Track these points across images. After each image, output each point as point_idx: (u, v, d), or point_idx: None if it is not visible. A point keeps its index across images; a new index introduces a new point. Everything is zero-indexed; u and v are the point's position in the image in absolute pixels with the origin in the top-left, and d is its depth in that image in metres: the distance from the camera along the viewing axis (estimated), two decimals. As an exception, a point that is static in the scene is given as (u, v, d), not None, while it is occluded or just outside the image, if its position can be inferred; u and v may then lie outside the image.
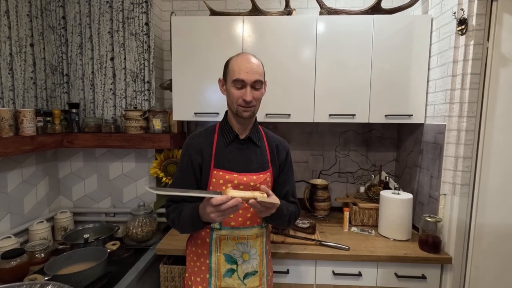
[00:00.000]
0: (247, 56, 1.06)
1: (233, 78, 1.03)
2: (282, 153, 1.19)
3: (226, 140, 1.11)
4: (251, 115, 1.08)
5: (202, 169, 1.09)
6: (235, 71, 1.03)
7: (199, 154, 1.09)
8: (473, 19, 1.33)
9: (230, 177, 1.07)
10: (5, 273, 1.25)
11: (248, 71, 1.02)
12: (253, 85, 1.03)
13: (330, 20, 1.61)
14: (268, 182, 1.13)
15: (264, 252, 1.16)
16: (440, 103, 1.51)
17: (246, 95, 1.02)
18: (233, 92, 1.05)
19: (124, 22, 1.83)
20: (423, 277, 1.44)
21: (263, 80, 1.06)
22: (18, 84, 1.57)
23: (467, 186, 1.40)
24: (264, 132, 1.21)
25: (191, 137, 1.15)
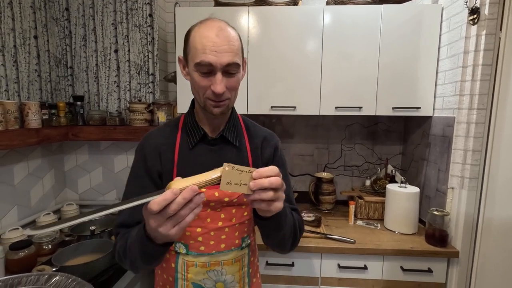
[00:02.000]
0: (214, 25, 0.74)
1: (196, 61, 0.72)
2: (267, 150, 0.90)
3: (192, 141, 0.84)
4: (225, 110, 0.79)
5: (163, 179, 0.82)
6: (198, 49, 0.72)
7: (157, 158, 0.82)
8: (485, 8, 1.29)
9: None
10: (13, 264, 1.27)
11: (217, 50, 0.71)
12: (225, 70, 0.73)
13: (337, 11, 1.58)
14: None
15: (246, 276, 0.90)
16: (450, 95, 1.48)
17: (216, 85, 0.72)
18: (197, 79, 0.75)
19: (127, 14, 1.81)
20: (429, 271, 1.43)
21: (239, 62, 0.75)
22: (23, 76, 1.57)
23: (476, 180, 1.38)
24: (245, 125, 0.93)
25: (147, 136, 0.87)
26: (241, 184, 0.57)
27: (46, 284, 1.02)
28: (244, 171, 0.56)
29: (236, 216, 0.85)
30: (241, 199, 0.84)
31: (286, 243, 0.81)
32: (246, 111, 1.67)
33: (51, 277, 1.03)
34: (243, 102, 1.66)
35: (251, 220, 0.90)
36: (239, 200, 0.83)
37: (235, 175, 0.56)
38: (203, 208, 0.73)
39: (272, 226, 0.72)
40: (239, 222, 0.86)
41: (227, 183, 0.56)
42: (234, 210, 0.84)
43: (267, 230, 0.75)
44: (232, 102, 0.81)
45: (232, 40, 0.74)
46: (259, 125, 0.97)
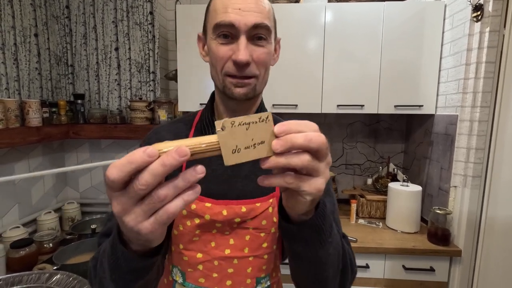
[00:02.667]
0: None
1: (215, 22, 0.57)
2: None
3: None
4: (251, 93, 0.60)
5: None
6: (219, 9, 0.57)
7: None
8: (489, 4, 1.27)
9: (198, 208, 0.61)
10: (14, 262, 1.27)
11: (242, 8, 0.55)
12: (252, 35, 0.56)
13: (339, 8, 1.56)
14: (272, 217, 0.62)
15: None
16: (453, 93, 1.46)
17: (239, 52, 0.55)
18: (215, 49, 0.58)
19: (128, 11, 1.80)
20: (432, 270, 1.42)
21: (270, 27, 0.58)
22: (23, 74, 1.56)
23: (479, 178, 1.37)
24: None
25: (155, 131, 0.71)
26: (256, 145, 0.34)
27: (47, 282, 1.02)
28: (253, 122, 0.34)
29: (250, 246, 0.62)
30: (258, 222, 0.61)
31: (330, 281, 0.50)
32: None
33: (52, 276, 1.03)
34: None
35: (274, 255, 0.66)
36: (256, 223, 0.61)
37: (240, 135, 0.34)
38: (205, 228, 0.60)
39: (305, 238, 0.44)
40: (255, 255, 0.62)
41: (233, 152, 0.34)
42: (248, 236, 0.62)
43: (296, 245, 0.46)
44: (261, 84, 0.62)
45: (261, 2, 0.58)
46: None
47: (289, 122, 0.35)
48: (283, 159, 0.33)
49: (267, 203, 0.63)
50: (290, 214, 0.43)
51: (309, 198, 0.36)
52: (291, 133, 0.34)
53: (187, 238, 0.61)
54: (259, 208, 0.62)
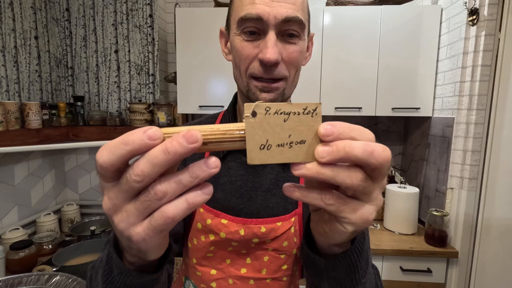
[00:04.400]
0: None
1: (240, 15, 0.48)
2: None
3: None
4: (277, 98, 0.52)
5: None
6: (245, 1, 0.48)
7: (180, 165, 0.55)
8: (484, 9, 1.29)
9: (214, 223, 0.55)
10: (14, 264, 1.27)
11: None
12: (282, 30, 0.48)
13: (337, 11, 1.58)
14: (293, 236, 0.56)
15: None
16: (449, 95, 1.48)
17: (266, 49, 0.47)
18: (239, 47, 0.50)
19: (128, 14, 1.82)
20: (429, 271, 1.43)
21: (304, 21, 0.49)
22: (23, 77, 1.57)
23: (475, 180, 1.38)
24: None
25: None
26: (293, 144, 0.26)
27: (46, 284, 1.02)
28: (294, 112, 0.26)
29: (269, 268, 0.56)
30: (279, 242, 0.55)
31: None
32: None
33: (52, 277, 1.04)
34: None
35: (295, 278, 0.60)
36: (276, 245, 0.55)
37: (275, 127, 0.26)
38: (221, 245, 0.54)
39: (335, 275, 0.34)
40: (273, 277, 0.56)
41: (261, 147, 0.26)
42: (267, 258, 0.56)
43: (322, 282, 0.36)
44: (290, 88, 0.53)
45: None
46: None
47: (340, 124, 0.27)
48: (328, 171, 0.25)
49: (289, 222, 0.55)
50: (318, 241, 0.34)
51: (350, 229, 0.27)
52: (342, 138, 0.26)
53: (201, 253, 0.56)
54: (280, 228, 0.55)
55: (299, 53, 0.50)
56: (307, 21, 0.52)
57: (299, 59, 0.51)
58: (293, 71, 0.52)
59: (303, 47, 0.52)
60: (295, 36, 0.49)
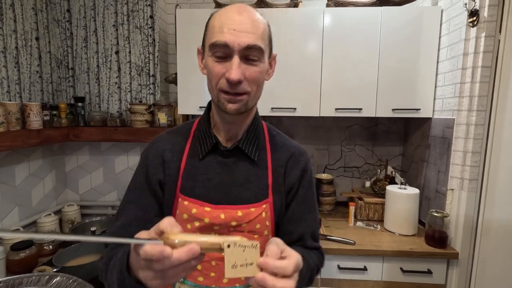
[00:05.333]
0: (238, 5, 0.63)
1: (211, 41, 0.61)
2: (293, 172, 0.73)
3: (202, 150, 0.71)
4: (241, 108, 0.64)
5: (165, 190, 0.70)
6: (215, 28, 0.61)
7: (160, 166, 0.70)
8: (485, 10, 1.29)
9: (198, 212, 0.66)
10: (14, 265, 1.27)
11: (237, 28, 0.59)
12: (245, 55, 0.61)
13: (337, 12, 1.58)
14: (264, 221, 0.69)
15: None
16: (449, 96, 1.48)
17: (231, 71, 0.59)
18: (211, 66, 0.62)
19: (128, 15, 1.82)
20: (429, 272, 1.43)
21: (263, 46, 0.62)
22: (24, 77, 1.57)
23: (476, 181, 1.38)
24: (270, 136, 0.77)
25: (154, 140, 0.76)
26: (247, 265, 0.45)
27: (47, 284, 1.02)
28: (247, 246, 0.44)
29: None
30: (252, 225, 0.68)
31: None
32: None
33: (52, 278, 1.04)
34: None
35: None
36: (250, 227, 0.68)
37: (239, 254, 0.44)
38: (205, 230, 0.66)
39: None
40: None
41: (232, 267, 0.44)
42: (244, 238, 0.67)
43: None
44: (252, 100, 0.66)
45: (257, 22, 0.61)
46: (288, 138, 0.79)
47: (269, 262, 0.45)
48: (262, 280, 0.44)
49: (261, 208, 0.69)
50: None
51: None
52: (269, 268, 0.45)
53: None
54: (253, 213, 0.68)
55: (259, 73, 0.63)
56: (267, 46, 0.65)
57: (259, 77, 0.64)
58: (254, 87, 0.64)
59: (263, 68, 0.65)
60: (256, 59, 0.62)
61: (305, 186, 0.74)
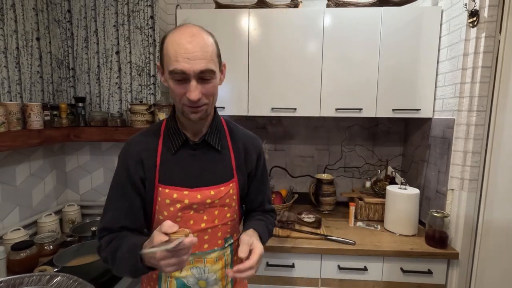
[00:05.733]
0: (187, 31, 0.73)
1: (170, 68, 0.73)
2: (252, 154, 0.93)
3: (174, 146, 0.85)
4: (203, 116, 0.80)
5: (146, 185, 0.84)
6: (171, 57, 0.73)
7: (139, 165, 0.83)
8: (485, 10, 1.29)
9: (178, 196, 0.82)
10: (15, 264, 1.27)
11: (190, 57, 0.71)
12: (200, 77, 0.74)
13: (337, 13, 1.58)
14: (232, 196, 0.88)
15: (229, 278, 0.93)
16: (449, 97, 1.48)
17: (191, 93, 0.73)
18: (173, 87, 0.76)
19: (129, 16, 1.82)
20: (429, 272, 1.43)
21: (214, 68, 0.76)
22: (25, 78, 1.58)
23: (476, 181, 1.38)
24: (228, 128, 0.94)
25: (129, 142, 0.87)
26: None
27: (47, 284, 1.02)
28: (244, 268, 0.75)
29: (218, 218, 0.87)
30: (223, 200, 0.86)
31: None
32: (247, 113, 1.68)
33: (53, 278, 1.04)
34: (243, 104, 1.67)
35: (235, 221, 0.94)
36: (221, 202, 0.86)
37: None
38: (185, 210, 0.83)
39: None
40: (222, 223, 0.88)
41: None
42: (216, 211, 0.86)
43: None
44: (211, 107, 0.82)
45: (206, 46, 0.74)
46: (243, 128, 0.98)
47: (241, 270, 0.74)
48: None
49: (229, 186, 0.88)
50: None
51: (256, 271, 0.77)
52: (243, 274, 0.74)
53: (172, 220, 0.74)
54: (223, 191, 0.86)
55: (213, 88, 0.78)
56: (217, 64, 0.78)
57: (214, 91, 0.79)
58: (211, 98, 0.80)
59: (216, 82, 0.79)
60: (209, 78, 0.76)
61: (260, 167, 0.97)
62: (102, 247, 0.80)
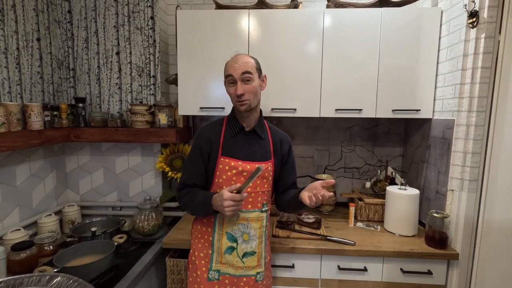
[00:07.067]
0: (238, 55, 1.15)
1: (226, 74, 1.15)
2: (285, 146, 1.28)
3: (233, 132, 1.20)
4: (247, 108, 1.15)
5: (210, 157, 1.19)
6: (226, 69, 1.15)
7: (208, 143, 1.19)
8: (484, 11, 1.29)
9: (235, 164, 1.16)
10: (15, 265, 1.28)
11: (236, 67, 1.11)
12: (242, 79, 1.11)
13: (337, 13, 1.59)
14: (270, 171, 1.21)
15: (263, 235, 1.22)
16: (449, 97, 1.48)
17: (237, 89, 1.11)
18: (228, 89, 1.16)
19: (129, 16, 1.83)
20: (429, 273, 1.43)
21: (252, 71, 1.12)
22: (25, 78, 1.58)
23: (475, 182, 1.38)
24: (268, 126, 1.29)
25: (201, 128, 1.25)
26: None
27: (47, 284, 1.02)
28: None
29: (260, 186, 1.19)
30: (263, 173, 1.17)
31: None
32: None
33: (53, 278, 1.04)
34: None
35: (270, 192, 1.26)
36: (262, 174, 1.17)
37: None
38: (238, 176, 1.16)
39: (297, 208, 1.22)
40: (262, 191, 1.20)
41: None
42: (258, 181, 1.18)
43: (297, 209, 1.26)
44: (253, 103, 1.15)
45: (246, 62, 1.13)
46: (277, 128, 1.33)
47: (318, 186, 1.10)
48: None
49: (267, 164, 1.20)
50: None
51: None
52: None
53: (228, 182, 1.16)
54: (265, 166, 1.17)
55: (252, 87, 1.13)
56: (256, 71, 1.15)
57: (254, 90, 1.14)
58: (252, 96, 1.14)
59: (256, 84, 1.14)
60: (250, 80, 1.13)
61: (291, 155, 1.31)
62: (182, 196, 1.20)
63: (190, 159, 1.22)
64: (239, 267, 1.19)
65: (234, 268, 1.19)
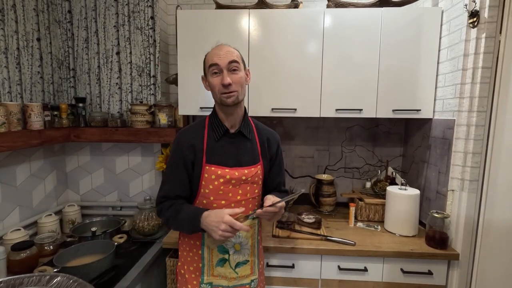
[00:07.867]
0: (219, 45, 1.07)
1: (208, 64, 1.04)
2: (273, 145, 1.20)
3: (217, 135, 1.09)
4: (235, 100, 1.04)
5: (194, 165, 1.08)
6: (209, 59, 1.05)
7: (191, 150, 1.07)
8: (485, 11, 1.29)
9: (222, 172, 1.06)
10: (15, 265, 1.28)
11: (221, 56, 1.02)
12: (229, 68, 1.02)
13: (338, 13, 1.58)
14: (259, 175, 1.13)
15: (255, 243, 1.18)
16: (450, 97, 1.48)
17: (224, 78, 1.00)
18: (212, 80, 1.04)
19: (129, 16, 1.83)
20: (430, 273, 1.43)
21: (239, 61, 1.04)
22: (26, 78, 1.58)
23: (476, 182, 1.38)
24: (254, 124, 1.19)
25: (181, 133, 1.12)
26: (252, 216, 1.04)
27: (47, 284, 1.02)
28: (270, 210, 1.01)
29: (250, 192, 1.11)
30: (253, 178, 1.11)
31: None
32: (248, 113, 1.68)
33: (53, 278, 1.04)
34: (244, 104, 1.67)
35: (260, 197, 1.18)
36: (252, 180, 1.11)
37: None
38: (226, 184, 1.07)
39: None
40: (252, 197, 1.12)
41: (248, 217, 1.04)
42: (248, 187, 1.11)
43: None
44: (240, 95, 1.06)
45: (231, 51, 1.05)
46: (264, 125, 1.24)
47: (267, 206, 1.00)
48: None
49: (257, 168, 1.12)
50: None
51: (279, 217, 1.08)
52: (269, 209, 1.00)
53: (216, 192, 1.07)
54: (253, 171, 1.11)
55: (240, 78, 1.04)
56: (241, 62, 1.07)
57: (241, 81, 1.05)
58: (239, 87, 1.04)
59: (242, 75, 1.06)
60: (236, 70, 1.04)
61: (279, 154, 1.23)
62: (163, 209, 1.08)
63: (171, 168, 1.09)
64: (233, 278, 1.12)
65: (227, 280, 1.12)
